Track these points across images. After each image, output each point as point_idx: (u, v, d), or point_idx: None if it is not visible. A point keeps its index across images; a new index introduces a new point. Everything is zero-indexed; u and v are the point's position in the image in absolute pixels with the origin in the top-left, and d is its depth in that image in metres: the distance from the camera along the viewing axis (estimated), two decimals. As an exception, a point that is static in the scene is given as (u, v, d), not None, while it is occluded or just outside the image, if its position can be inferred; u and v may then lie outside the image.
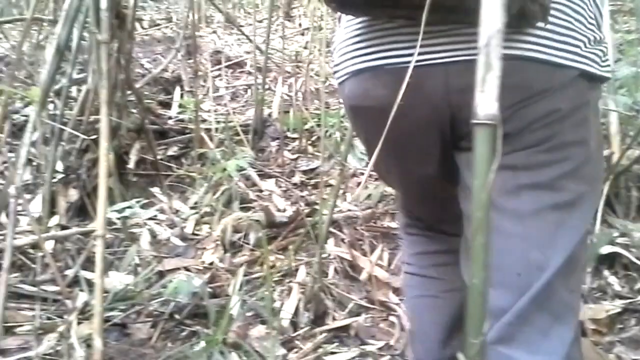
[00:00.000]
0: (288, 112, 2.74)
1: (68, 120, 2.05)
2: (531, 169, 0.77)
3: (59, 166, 2.06)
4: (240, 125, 2.65)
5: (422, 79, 0.73)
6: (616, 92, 1.95)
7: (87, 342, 1.38)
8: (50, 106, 2.12)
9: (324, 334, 1.49)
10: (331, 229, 1.80)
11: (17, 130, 2.29)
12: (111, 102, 2.04)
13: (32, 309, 1.56)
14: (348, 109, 0.92)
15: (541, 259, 0.77)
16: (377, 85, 0.81)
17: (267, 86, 2.84)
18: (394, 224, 1.93)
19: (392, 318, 1.53)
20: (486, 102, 0.48)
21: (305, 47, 4.13)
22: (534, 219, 0.77)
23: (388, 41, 0.79)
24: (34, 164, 2.11)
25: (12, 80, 1.59)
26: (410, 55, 0.72)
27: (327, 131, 2.65)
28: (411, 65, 0.65)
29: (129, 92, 2.18)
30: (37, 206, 2.05)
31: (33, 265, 1.77)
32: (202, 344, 1.45)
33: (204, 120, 2.59)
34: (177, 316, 1.53)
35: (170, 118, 2.82)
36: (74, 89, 2.30)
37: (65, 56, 1.77)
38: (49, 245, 1.81)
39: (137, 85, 2.36)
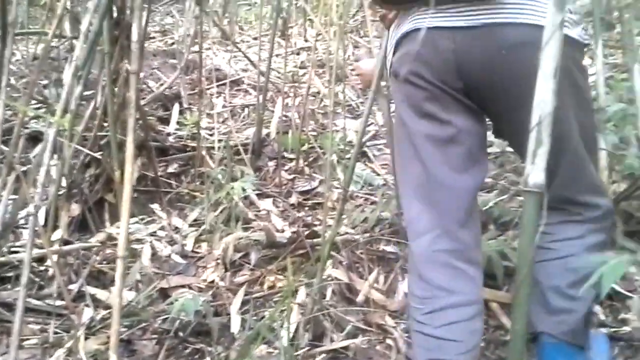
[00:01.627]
0: (287, 132, 2.80)
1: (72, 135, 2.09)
2: None
3: (62, 181, 2.10)
4: (239, 145, 2.70)
5: (437, 38, 1.11)
6: (605, 129, 2.03)
7: (94, 357, 1.43)
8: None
9: (323, 355, 1.54)
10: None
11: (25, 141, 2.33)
12: (117, 120, 2.09)
13: (38, 323, 1.60)
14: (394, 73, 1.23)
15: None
16: (411, 43, 1.16)
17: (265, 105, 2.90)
18: (389, 248, 1.99)
19: (388, 341, 1.58)
20: (536, 173, 0.56)
21: (300, 67, 4.22)
22: None
23: (414, 19, 1.16)
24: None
25: (28, 98, 1.63)
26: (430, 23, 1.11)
27: (323, 153, 2.72)
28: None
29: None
30: (40, 220, 2.09)
31: (36, 279, 1.80)
32: (206, 361, 1.49)
33: (205, 139, 2.65)
34: (180, 334, 1.57)
35: (169, 134, 2.87)
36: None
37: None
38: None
39: (142, 103, 2.41)
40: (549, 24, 0.75)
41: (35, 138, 2.46)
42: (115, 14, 2.04)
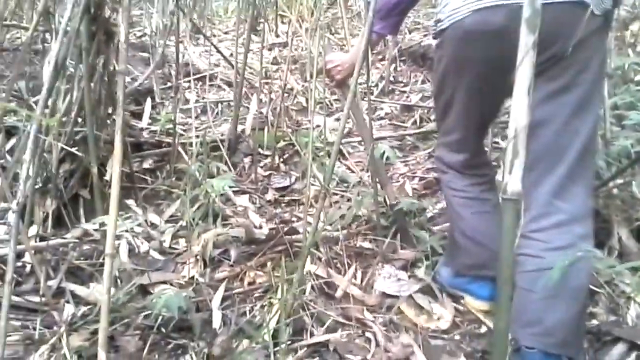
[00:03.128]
0: (262, 129, 2.81)
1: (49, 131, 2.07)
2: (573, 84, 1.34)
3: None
4: (214, 141, 2.70)
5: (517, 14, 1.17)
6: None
7: (78, 354, 1.43)
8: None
9: (304, 349, 1.57)
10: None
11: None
12: (94, 116, 2.08)
13: (18, 319, 1.59)
14: (463, 35, 1.40)
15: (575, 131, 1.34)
16: (494, 15, 1.32)
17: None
18: (366, 244, 2.04)
19: (367, 334, 1.63)
20: (513, 182, 0.60)
21: (272, 63, 4.22)
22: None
23: None
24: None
25: (8, 95, 1.61)
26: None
27: (297, 151, 2.75)
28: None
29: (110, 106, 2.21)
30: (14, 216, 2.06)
31: (14, 275, 1.78)
32: (188, 357, 1.51)
33: (180, 135, 2.65)
34: (163, 329, 1.59)
35: (142, 129, 2.85)
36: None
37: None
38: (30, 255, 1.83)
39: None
40: (522, 45, 0.78)
41: (8, 132, 2.41)
42: (92, 10, 2.02)
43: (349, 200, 2.35)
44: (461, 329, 1.65)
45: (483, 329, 1.66)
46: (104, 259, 1.90)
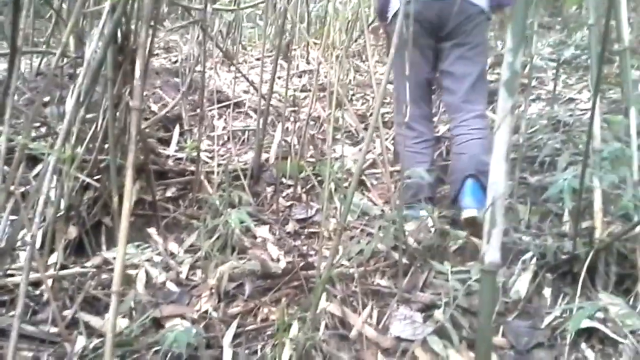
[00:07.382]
0: (286, 158, 2.81)
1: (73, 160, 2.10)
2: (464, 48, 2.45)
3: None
4: (236, 170, 2.70)
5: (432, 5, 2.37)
6: (601, 168, 2.04)
7: (86, 389, 1.42)
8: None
9: (315, 392, 1.54)
10: (324, 284, 1.85)
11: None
12: (118, 144, 2.11)
13: (31, 350, 1.60)
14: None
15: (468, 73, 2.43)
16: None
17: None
18: (384, 282, 2.00)
19: (380, 379, 1.58)
20: (491, 252, 0.57)
21: (302, 90, 4.24)
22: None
23: None
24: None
25: (30, 122, 1.64)
26: None
27: (321, 180, 2.73)
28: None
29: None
30: (36, 243, 2.09)
31: (31, 304, 1.80)
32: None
33: (205, 163, 2.66)
34: (172, 366, 1.57)
35: (168, 157, 2.89)
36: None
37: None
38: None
39: (143, 126, 2.42)
40: (500, 110, 0.76)
41: (34, 158, 2.47)
42: (119, 40, 2.06)
43: (369, 234, 2.32)
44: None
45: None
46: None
